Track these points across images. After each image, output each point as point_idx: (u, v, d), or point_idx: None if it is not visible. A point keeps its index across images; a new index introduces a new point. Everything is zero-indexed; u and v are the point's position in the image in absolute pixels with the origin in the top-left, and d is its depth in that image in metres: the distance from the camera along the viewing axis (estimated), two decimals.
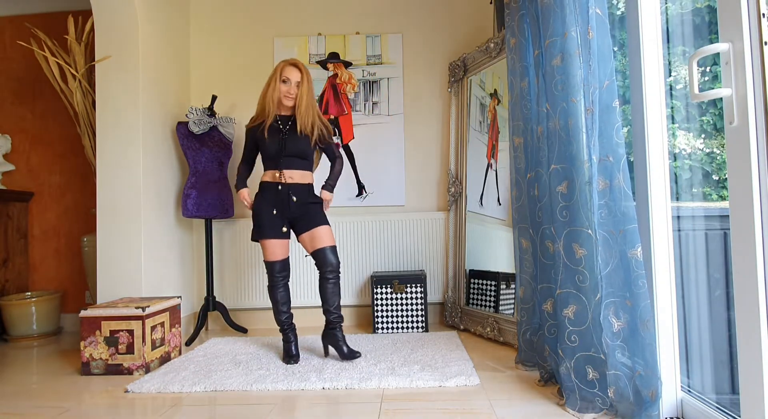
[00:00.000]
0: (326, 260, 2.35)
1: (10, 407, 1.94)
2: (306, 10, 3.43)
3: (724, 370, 1.59)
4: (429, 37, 3.38)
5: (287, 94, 2.38)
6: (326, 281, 2.36)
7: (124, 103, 2.74)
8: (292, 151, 2.38)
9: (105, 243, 2.71)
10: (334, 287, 2.37)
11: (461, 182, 3.14)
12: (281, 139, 2.39)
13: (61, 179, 3.63)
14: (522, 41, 2.16)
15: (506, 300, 2.68)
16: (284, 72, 2.37)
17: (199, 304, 3.26)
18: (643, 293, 1.51)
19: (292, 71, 2.37)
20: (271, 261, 2.40)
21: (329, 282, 2.36)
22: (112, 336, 2.31)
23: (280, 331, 2.44)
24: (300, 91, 2.37)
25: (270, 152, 2.39)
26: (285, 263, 2.42)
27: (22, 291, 3.50)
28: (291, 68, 2.38)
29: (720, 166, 1.69)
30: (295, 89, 2.38)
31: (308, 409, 1.80)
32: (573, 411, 1.65)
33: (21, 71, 3.66)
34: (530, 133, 2.11)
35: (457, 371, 2.10)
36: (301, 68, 2.39)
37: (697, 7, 1.70)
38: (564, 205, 1.77)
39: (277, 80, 2.38)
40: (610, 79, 1.63)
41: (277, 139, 2.39)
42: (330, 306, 2.36)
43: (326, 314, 2.38)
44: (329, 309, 2.37)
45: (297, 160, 2.41)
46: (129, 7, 2.73)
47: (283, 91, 2.38)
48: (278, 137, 2.39)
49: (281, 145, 2.38)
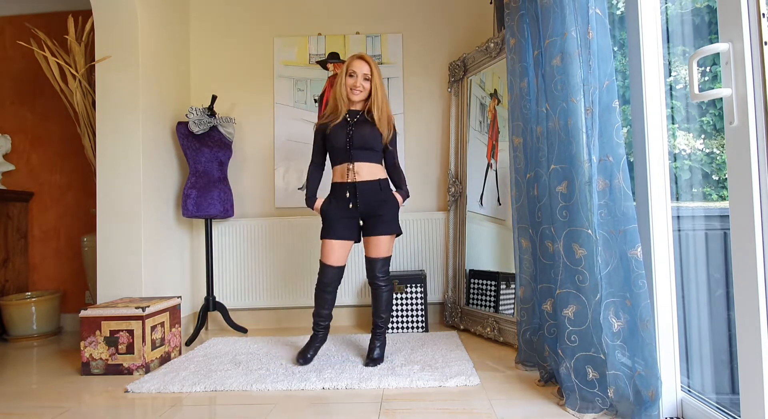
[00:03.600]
0: (373, 270, 2.32)
1: (10, 407, 1.94)
2: (306, 10, 3.43)
3: (724, 370, 1.59)
4: (429, 37, 3.38)
5: (353, 87, 2.29)
6: (375, 289, 2.34)
7: (124, 103, 2.74)
8: (360, 143, 2.28)
9: (105, 243, 2.71)
10: (382, 296, 2.33)
11: (461, 182, 3.14)
12: (348, 131, 2.29)
13: (61, 179, 3.63)
14: (522, 41, 2.16)
15: (506, 300, 2.68)
16: (351, 66, 2.30)
17: (199, 304, 3.27)
18: (643, 293, 1.51)
19: (358, 64, 2.29)
20: (328, 264, 2.31)
21: (377, 290, 2.34)
22: (112, 336, 2.31)
23: (312, 329, 2.37)
24: (373, 83, 2.29)
25: (337, 144, 2.29)
26: (341, 272, 2.33)
27: (22, 291, 3.50)
28: (358, 61, 2.30)
29: (720, 166, 1.69)
30: (362, 82, 2.29)
31: (308, 409, 1.80)
32: (573, 411, 1.65)
33: (21, 71, 3.66)
34: (530, 133, 2.11)
35: (457, 371, 2.10)
36: (368, 60, 2.30)
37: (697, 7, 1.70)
38: (564, 205, 1.77)
39: (344, 75, 2.31)
40: (609, 79, 1.63)
41: (345, 132, 2.29)
42: (377, 313, 2.35)
43: (374, 318, 2.37)
44: (379, 317, 2.36)
45: (366, 153, 2.30)
46: (129, 7, 2.73)
47: (349, 84, 2.29)
48: (345, 130, 2.30)
49: (348, 136, 2.28)
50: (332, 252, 2.30)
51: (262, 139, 3.40)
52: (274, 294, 3.27)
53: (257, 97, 3.41)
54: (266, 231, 3.28)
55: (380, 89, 2.30)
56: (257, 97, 3.41)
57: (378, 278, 2.32)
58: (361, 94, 2.31)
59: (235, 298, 3.28)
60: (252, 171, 3.40)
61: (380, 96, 2.30)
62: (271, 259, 3.27)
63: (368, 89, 2.32)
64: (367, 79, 2.30)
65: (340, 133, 2.29)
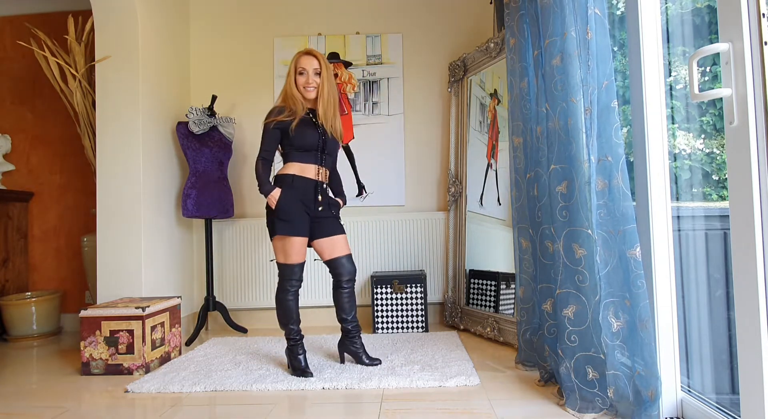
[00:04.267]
0: (345, 269, 2.25)
1: (10, 407, 1.94)
2: (306, 10, 3.43)
3: (724, 370, 1.59)
4: (429, 37, 3.38)
5: (306, 85, 2.21)
6: (343, 290, 2.26)
7: (124, 103, 2.74)
8: (330, 149, 2.25)
9: (105, 243, 2.71)
10: (350, 296, 2.28)
11: (461, 182, 3.14)
12: (319, 133, 2.22)
13: (61, 179, 3.63)
14: (521, 41, 2.16)
15: (506, 300, 2.68)
16: (299, 63, 2.21)
17: (199, 304, 3.27)
18: (642, 293, 1.51)
19: (307, 60, 2.21)
20: (292, 263, 2.18)
21: (345, 290, 2.26)
22: (112, 336, 2.31)
23: (288, 344, 2.22)
24: (321, 79, 2.21)
25: (306, 144, 2.19)
26: (303, 267, 2.23)
27: (22, 291, 3.50)
28: (306, 57, 2.21)
29: (720, 166, 1.69)
30: (314, 78, 2.21)
31: (308, 409, 1.80)
32: (573, 411, 1.65)
33: (21, 71, 3.66)
34: (530, 132, 2.11)
35: (457, 371, 2.10)
36: (316, 55, 2.22)
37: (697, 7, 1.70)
38: (564, 205, 1.77)
39: (293, 73, 2.23)
40: (609, 80, 1.63)
41: (316, 134, 2.21)
42: (347, 315, 2.27)
43: (343, 323, 2.28)
44: (347, 319, 2.27)
45: (330, 159, 2.29)
46: (129, 7, 2.73)
47: (300, 82, 2.22)
48: (316, 132, 2.22)
49: (321, 142, 2.22)
50: (300, 250, 2.18)
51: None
52: (274, 294, 3.26)
53: (257, 97, 3.41)
54: (266, 231, 3.27)
55: (327, 84, 2.21)
56: (257, 97, 3.41)
57: (352, 273, 2.26)
58: (315, 90, 2.22)
59: (235, 298, 3.28)
60: (252, 171, 3.39)
61: (326, 91, 2.21)
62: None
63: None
64: (317, 73, 2.21)
65: (311, 133, 2.20)
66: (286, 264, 2.19)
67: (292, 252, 2.17)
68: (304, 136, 2.20)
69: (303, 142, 2.20)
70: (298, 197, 2.18)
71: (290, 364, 2.22)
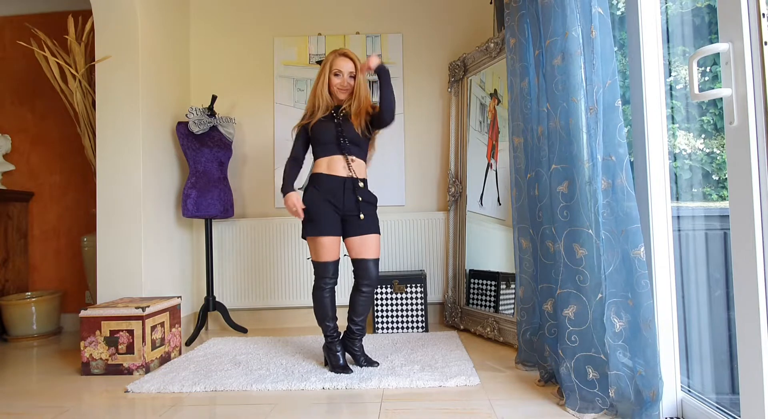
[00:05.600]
0: (368, 273, 2.22)
1: (10, 407, 1.94)
2: (306, 10, 3.43)
3: (724, 370, 1.59)
4: (429, 37, 3.38)
5: (341, 87, 2.25)
6: (361, 293, 2.24)
7: (124, 103, 2.74)
8: (351, 136, 2.23)
9: (105, 243, 2.71)
10: (367, 300, 2.25)
11: (461, 182, 3.14)
12: (336, 123, 2.23)
13: (61, 179, 3.63)
14: (522, 41, 2.16)
15: (506, 300, 2.68)
16: (335, 64, 2.24)
17: (199, 304, 3.26)
18: (646, 293, 1.51)
19: (343, 62, 2.24)
20: (324, 261, 2.20)
21: (363, 294, 2.24)
22: (112, 336, 2.31)
23: (326, 341, 2.24)
24: (357, 82, 2.24)
25: (325, 138, 2.22)
26: (337, 264, 2.25)
27: (22, 291, 3.50)
28: (342, 59, 2.24)
29: (720, 166, 1.69)
30: (349, 80, 2.25)
31: (308, 409, 1.80)
32: (573, 411, 1.65)
33: (21, 71, 3.66)
34: (530, 132, 2.11)
35: (457, 371, 2.10)
36: (352, 57, 2.25)
37: (697, 7, 1.70)
38: (564, 205, 1.77)
39: (328, 73, 2.24)
40: (612, 79, 1.63)
41: (332, 125, 2.23)
42: (357, 317, 2.25)
43: (351, 323, 2.27)
44: (356, 320, 2.26)
45: (355, 148, 2.25)
46: (129, 6, 2.73)
47: (336, 84, 2.24)
48: (332, 122, 2.24)
49: (338, 130, 2.22)
50: (331, 248, 2.21)
51: (262, 139, 3.40)
52: (274, 294, 3.27)
53: (257, 97, 3.41)
54: (266, 231, 3.28)
55: (363, 85, 2.25)
56: (257, 97, 3.41)
57: (373, 280, 2.23)
58: (347, 92, 2.27)
59: (235, 298, 3.28)
60: (252, 171, 3.40)
61: (363, 93, 2.25)
62: (271, 259, 3.27)
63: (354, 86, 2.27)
64: (352, 76, 2.26)
65: (327, 126, 2.23)
66: (319, 262, 2.23)
67: (322, 251, 2.20)
68: (321, 129, 2.24)
69: (321, 135, 2.23)
70: (325, 197, 2.20)
71: (328, 361, 2.24)
